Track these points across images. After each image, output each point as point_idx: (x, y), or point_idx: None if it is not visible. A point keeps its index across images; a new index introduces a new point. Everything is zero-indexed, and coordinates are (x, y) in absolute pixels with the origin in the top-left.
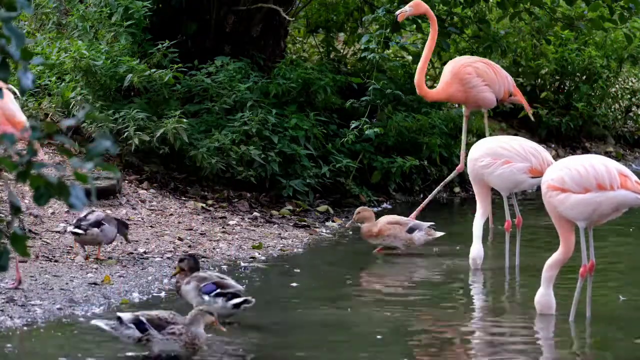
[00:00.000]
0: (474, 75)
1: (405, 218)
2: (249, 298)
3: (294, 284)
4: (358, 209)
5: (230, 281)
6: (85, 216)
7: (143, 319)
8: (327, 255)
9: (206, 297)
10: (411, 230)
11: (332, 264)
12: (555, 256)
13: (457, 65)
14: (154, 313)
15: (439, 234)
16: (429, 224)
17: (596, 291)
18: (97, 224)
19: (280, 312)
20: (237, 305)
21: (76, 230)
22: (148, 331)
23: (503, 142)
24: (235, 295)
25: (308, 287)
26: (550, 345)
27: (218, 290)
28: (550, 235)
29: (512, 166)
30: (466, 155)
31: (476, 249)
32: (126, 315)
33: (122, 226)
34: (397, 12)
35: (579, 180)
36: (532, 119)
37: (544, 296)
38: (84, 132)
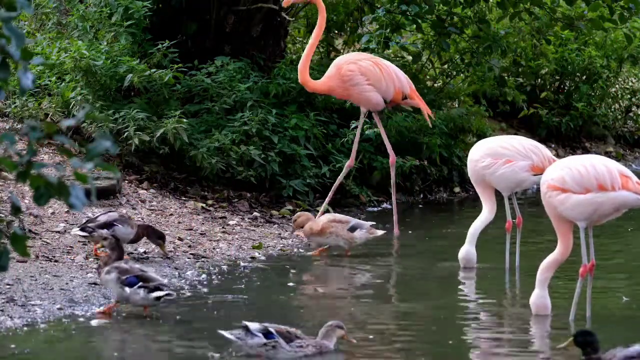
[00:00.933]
0: (357, 73)
1: (347, 217)
2: (171, 292)
3: (294, 284)
4: (294, 216)
5: (152, 274)
6: (95, 217)
7: (272, 329)
8: (328, 255)
9: (127, 289)
10: (353, 229)
11: (332, 264)
12: (551, 257)
13: (342, 61)
14: (282, 327)
15: (380, 232)
16: (370, 223)
17: (599, 291)
18: (107, 225)
19: (280, 312)
20: (158, 298)
21: (80, 232)
22: (274, 339)
23: (503, 141)
24: (158, 288)
25: (308, 287)
26: (550, 345)
27: (140, 283)
28: (551, 235)
29: (513, 165)
30: (357, 151)
31: (465, 250)
32: (254, 325)
33: (155, 235)
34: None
35: (579, 180)
36: (430, 124)
37: (540, 297)
38: (84, 132)
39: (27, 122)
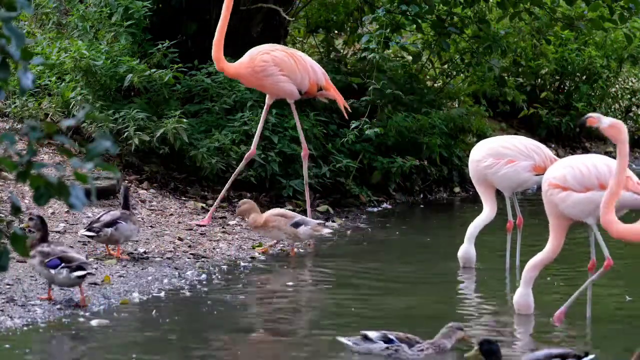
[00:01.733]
0: (270, 64)
1: (293, 213)
2: (92, 271)
3: (294, 284)
4: (240, 202)
5: (74, 254)
6: (98, 217)
7: (392, 336)
8: (327, 255)
9: (52, 271)
10: (297, 224)
11: (332, 264)
12: (539, 256)
13: (256, 52)
14: (401, 333)
15: (327, 231)
16: (318, 221)
17: (603, 291)
18: (111, 223)
19: (279, 311)
20: (81, 277)
21: (88, 233)
22: (396, 344)
23: (504, 141)
24: (80, 267)
25: (308, 287)
26: (549, 345)
27: (63, 264)
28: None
29: (515, 165)
30: (259, 142)
31: (464, 249)
32: (373, 333)
33: None
34: None
35: (581, 179)
36: (346, 115)
37: (523, 296)
38: (84, 132)
39: (27, 122)
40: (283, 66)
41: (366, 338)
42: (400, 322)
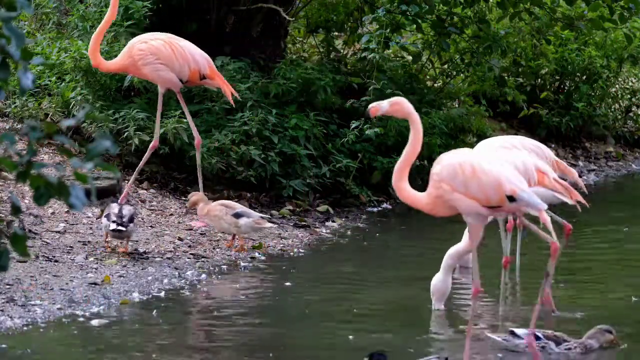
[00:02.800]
0: (147, 53)
1: (237, 204)
2: None
3: (294, 284)
4: (189, 195)
5: None
6: (120, 212)
7: (539, 333)
8: (327, 256)
9: None
10: (237, 215)
11: (332, 264)
12: (459, 246)
13: (136, 40)
14: (549, 331)
15: (269, 225)
16: (260, 215)
17: (609, 291)
18: (132, 218)
19: (278, 312)
20: None
21: (120, 228)
22: (542, 341)
23: (504, 141)
24: None
25: (308, 287)
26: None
27: None
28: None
29: None
30: (160, 131)
31: (455, 248)
32: (521, 330)
33: None
34: None
35: None
36: (232, 103)
37: (441, 282)
38: (84, 132)
39: (27, 122)
40: (160, 55)
41: (514, 334)
42: (401, 322)
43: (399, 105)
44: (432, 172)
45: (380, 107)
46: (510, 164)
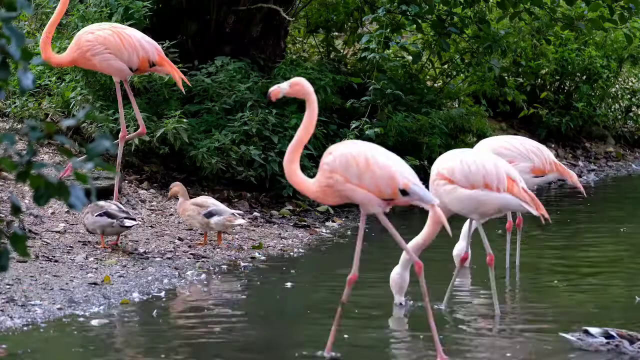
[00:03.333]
0: (95, 43)
1: (213, 201)
2: None
3: (294, 284)
4: (172, 185)
5: None
6: (122, 208)
7: (613, 332)
8: (327, 256)
9: None
10: (209, 214)
11: (332, 264)
12: (417, 240)
13: (81, 33)
14: (623, 330)
15: (242, 221)
16: (233, 211)
17: (610, 291)
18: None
19: (278, 312)
20: None
21: (134, 223)
22: (615, 340)
23: (505, 141)
24: None
25: (308, 287)
26: (549, 345)
27: None
28: (551, 235)
29: (514, 166)
30: (125, 122)
31: (460, 247)
32: (594, 329)
33: None
34: None
35: (468, 175)
36: (183, 90)
37: (399, 275)
38: (84, 132)
39: (27, 122)
40: (108, 44)
41: (587, 333)
42: (401, 321)
43: (299, 85)
44: (322, 162)
45: (280, 89)
46: (484, 166)
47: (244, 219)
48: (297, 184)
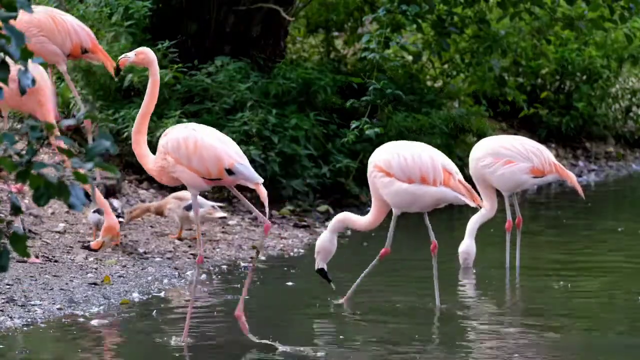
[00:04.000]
0: (30, 26)
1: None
2: None
3: (294, 284)
4: (131, 208)
5: None
6: (117, 206)
7: None
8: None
9: None
10: (189, 207)
11: (332, 264)
12: (363, 220)
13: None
14: None
15: (221, 214)
16: (213, 203)
17: (612, 292)
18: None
19: (278, 312)
20: None
21: (119, 219)
22: None
23: (505, 141)
24: None
25: (307, 287)
26: (550, 344)
27: None
28: (551, 235)
29: (513, 166)
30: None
31: (466, 244)
32: None
33: None
34: None
35: (405, 168)
36: (114, 76)
37: (330, 241)
38: (84, 132)
39: (27, 122)
40: (42, 27)
41: None
42: (401, 321)
43: (143, 54)
44: (159, 144)
45: (127, 57)
46: (420, 159)
47: (224, 211)
48: (140, 156)
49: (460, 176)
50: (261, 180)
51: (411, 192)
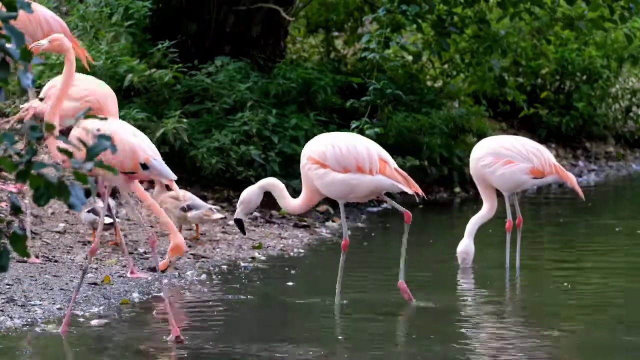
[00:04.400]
0: None
1: (191, 196)
2: None
3: (294, 284)
4: None
5: None
6: (112, 206)
7: None
8: (327, 256)
9: None
10: (186, 208)
11: (332, 264)
12: (290, 201)
13: None
14: None
15: (218, 216)
16: (210, 205)
17: (613, 292)
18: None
19: (278, 312)
20: None
21: (110, 219)
22: None
23: (505, 141)
24: None
25: (308, 287)
26: (550, 344)
27: None
28: (551, 234)
29: (513, 166)
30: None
31: (464, 244)
32: None
33: None
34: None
35: (340, 158)
36: (88, 68)
37: (257, 194)
38: None
39: (27, 122)
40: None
41: None
42: (401, 321)
43: (58, 41)
44: (71, 134)
45: (40, 44)
46: (355, 149)
47: (221, 213)
48: (50, 143)
49: (395, 164)
50: (175, 177)
51: (347, 182)
